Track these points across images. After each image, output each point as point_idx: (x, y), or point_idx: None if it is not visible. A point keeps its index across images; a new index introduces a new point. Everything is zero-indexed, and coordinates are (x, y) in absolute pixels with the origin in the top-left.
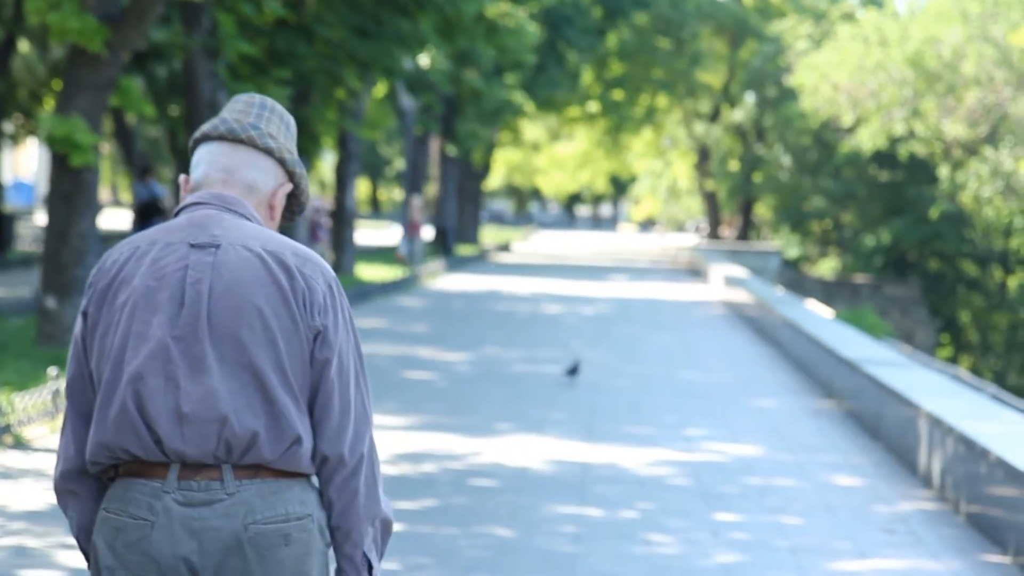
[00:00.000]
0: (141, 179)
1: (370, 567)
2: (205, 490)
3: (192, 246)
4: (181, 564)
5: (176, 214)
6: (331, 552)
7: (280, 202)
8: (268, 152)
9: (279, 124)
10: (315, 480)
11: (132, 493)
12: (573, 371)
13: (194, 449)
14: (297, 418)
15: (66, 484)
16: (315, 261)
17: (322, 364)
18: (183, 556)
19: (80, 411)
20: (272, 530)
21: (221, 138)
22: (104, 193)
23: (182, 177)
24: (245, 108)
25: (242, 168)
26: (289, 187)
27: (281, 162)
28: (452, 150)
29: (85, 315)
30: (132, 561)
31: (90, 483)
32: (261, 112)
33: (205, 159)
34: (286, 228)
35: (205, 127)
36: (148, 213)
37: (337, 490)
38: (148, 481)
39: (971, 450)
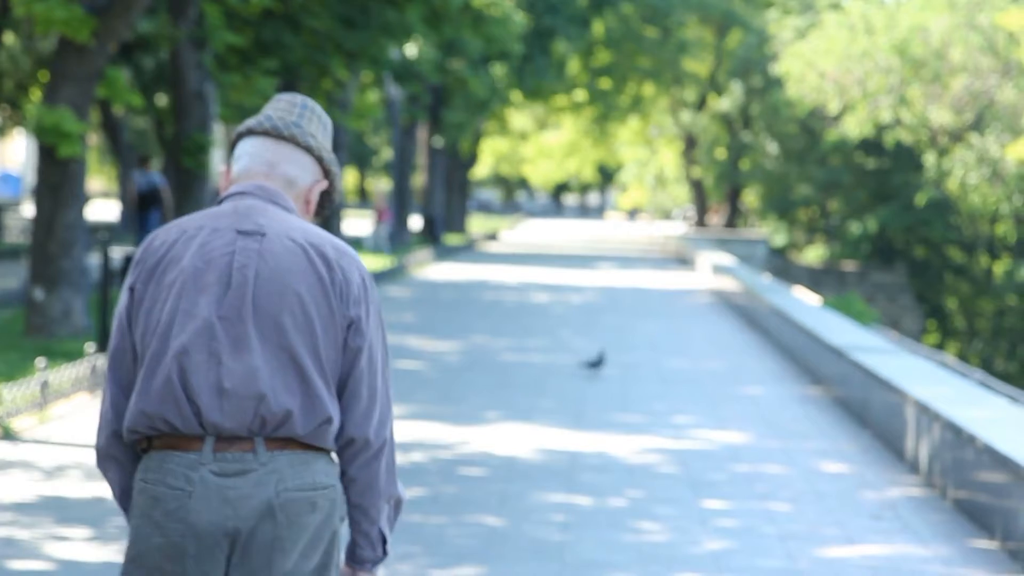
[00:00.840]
0: (141, 168)
1: (384, 541)
2: (239, 461)
3: (239, 232)
4: (218, 531)
5: (220, 202)
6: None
7: (315, 197)
8: (308, 150)
9: (319, 124)
10: (334, 456)
11: (169, 465)
12: (597, 363)
13: (231, 422)
14: (328, 400)
15: (109, 450)
16: (351, 255)
17: (354, 352)
18: (220, 523)
19: (120, 382)
20: (301, 497)
21: (265, 134)
22: (96, 183)
23: (223, 167)
24: (288, 107)
25: (283, 163)
26: (325, 184)
27: (319, 160)
28: (439, 140)
29: (132, 290)
30: (171, 529)
31: (130, 449)
32: (303, 112)
33: (248, 152)
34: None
35: (250, 122)
36: (147, 202)
37: (360, 469)
38: (184, 453)
39: (958, 436)
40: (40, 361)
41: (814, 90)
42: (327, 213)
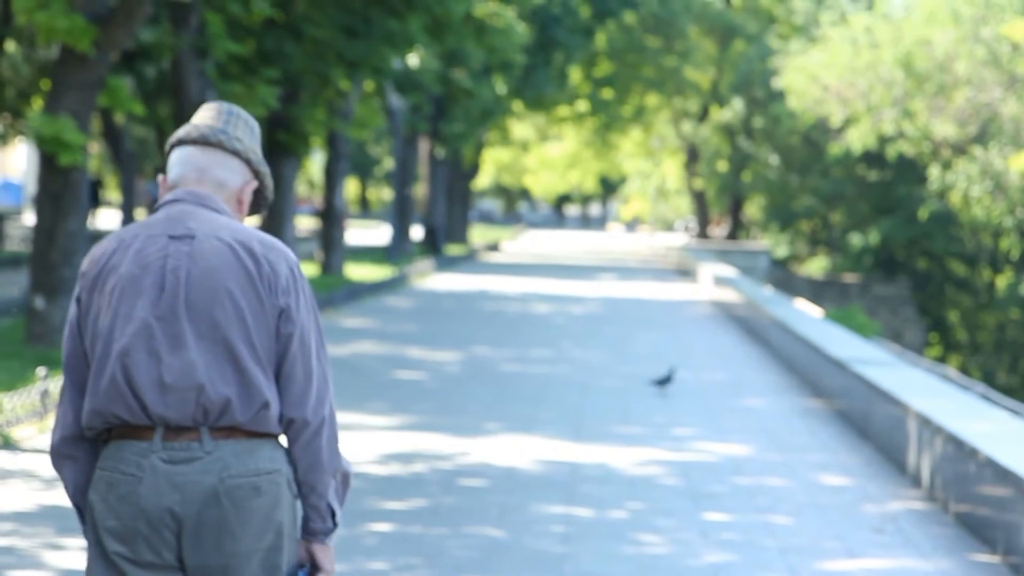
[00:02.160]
0: (155, 179)
1: (333, 514)
2: (186, 449)
3: (171, 237)
4: (166, 514)
5: (155, 210)
6: (298, 503)
7: (247, 197)
8: (235, 153)
9: (245, 128)
10: (283, 440)
11: (123, 453)
12: (665, 380)
13: (175, 414)
14: (265, 385)
15: (64, 449)
16: (279, 248)
17: (286, 338)
18: (167, 507)
19: (76, 384)
20: (245, 483)
21: (194, 142)
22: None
23: (160, 177)
24: (215, 115)
25: (213, 168)
26: (255, 184)
27: (247, 162)
28: (441, 151)
29: (79, 300)
30: (123, 512)
31: (85, 448)
32: (228, 118)
33: (180, 161)
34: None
35: (179, 133)
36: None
37: (302, 448)
38: (136, 442)
39: (960, 449)
40: (41, 370)
41: (816, 102)
42: (263, 208)
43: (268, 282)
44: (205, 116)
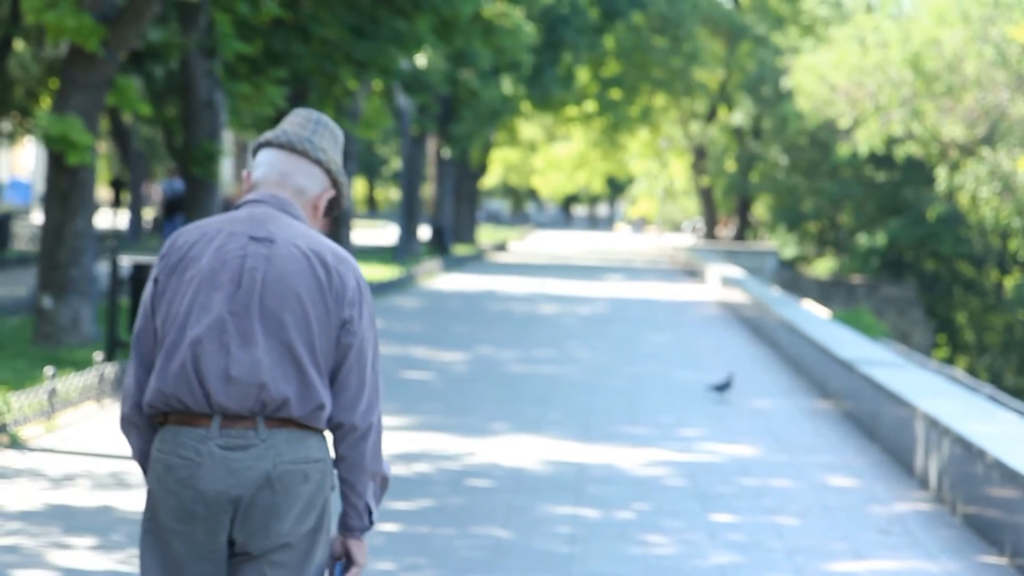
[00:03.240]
0: (168, 177)
1: (370, 512)
2: (242, 437)
3: (251, 238)
4: (223, 497)
5: (239, 207)
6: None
7: (323, 204)
8: (318, 162)
9: (330, 138)
10: (327, 434)
11: (181, 438)
12: (724, 386)
13: (235, 405)
14: (322, 389)
15: (131, 417)
16: (349, 262)
17: (346, 347)
18: (224, 491)
19: (143, 360)
20: (295, 469)
21: (280, 147)
22: (105, 192)
23: (244, 172)
24: (303, 123)
25: (295, 174)
26: (332, 193)
27: (328, 171)
28: (448, 151)
29: (156, 281)
30: (183, 494)
31: (148, 418)
32: (316, 128)
33: (266, 162)
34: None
35: (268, 135)
36: (173, 208)
37: (348, 449)
38: (195, 429)
39: (968, 451)
40: (48, 369)
41: (824, 103)
42: (336, 215)
43: (336, 293)
44: (294, 122)
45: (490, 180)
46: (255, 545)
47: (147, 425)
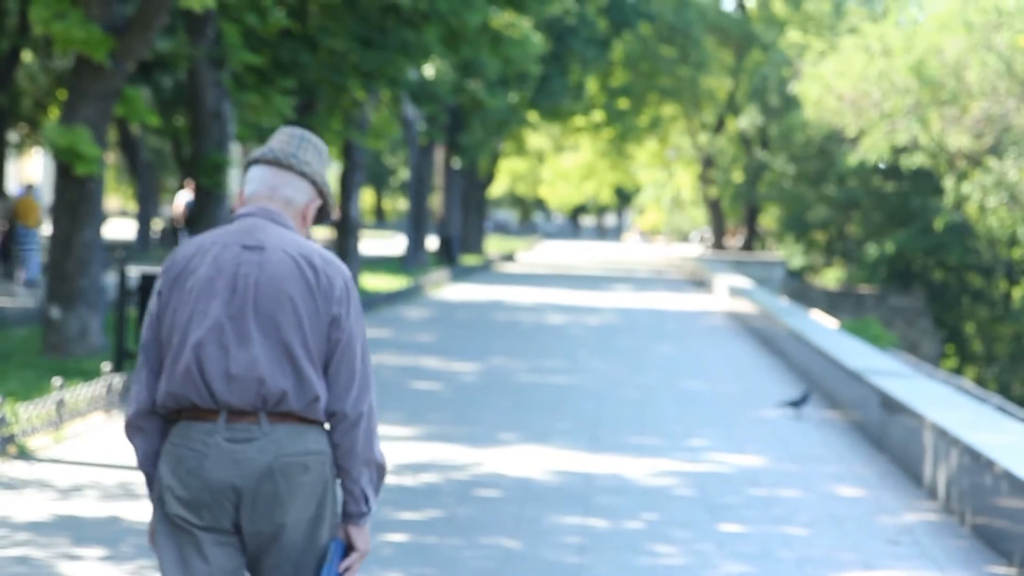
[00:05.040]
0: (183, 190)
1: (367, 499)
2: (246, 431)
3: (243, 247)
4: (227, 487)
5: (232, 220)
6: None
7: (311, 213)
8: (303, 175)
9: (314, 152)
10: (327, 427)
11: (191, 432)
12: (800, 402)
13: (238, 400)
14: (316, 382)
15: (137, 421)
16: (336, 264)
17: (335, 342)
18: (229, 480)
19: (151, 366)
20: (296, 461)
21: (268, 163)
22: (113, 202)
23: (238, 190)
24: (288, 139)
25: (283, 187)
26: (319, 202)
27: (313, 183)
28: (457, 161)
29: (160, 294)
30: (191, 483)
31: (154, 422)
32: (300, 143)
33: (256, 178)
34: None
35: (257, 153)
36: (188, 220)
37: (341, 436)
38: (203, 423)
39: (976, 461)
40: (56, 380)
41: (831, 113)
42: (325, 222)
43: (325, 293)
44: (280, 139)
45: (497, 190)
46: (261, 532)
47: (154, 429)
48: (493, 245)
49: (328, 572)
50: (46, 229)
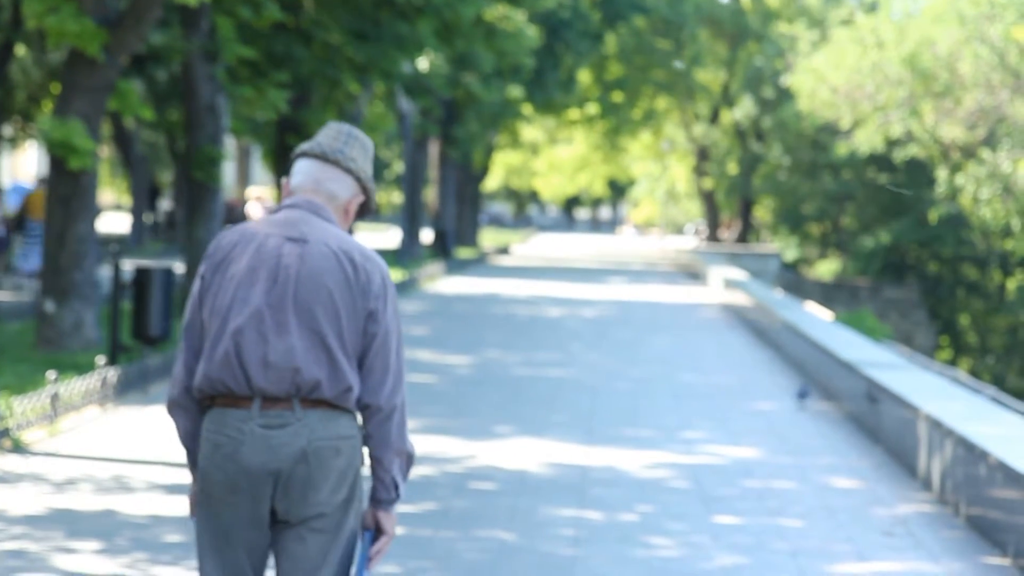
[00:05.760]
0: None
1: (396, 486)
2: (280, 417)
3: (287, 239)
4: (263, 470)
5: (277, 211)
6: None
7: (354, 208)
8: (348, 171)
9: (360, 149)
10: (358, 416)
11: (226, 419)
12: (804, 395)
13: (273, 388)
14: (350, 373)
15: (180, 400)
16: (375, 260)
17: (371, 336)
18: (265, 464)
19: (192, 346)
20: (328, 445)
21: (315, 157)
22: (107, 196)
23: (284, 179)
24: (336, 135)
25: (328, 182)
26: (362, 198)
27: (358, 179)
28: (451, 154)
29: (203, 278)
30: (229, 468)
31: (195, 400)
32: (347, 139)
33: (302, 171)
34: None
35: (305, 146)
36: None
37: (375, 428)
38: (238, 410)
39: (971, 452)
40: (51, 374)
41: (825, 105)
42: (366, 217)
43: (363, 288)
44: (327, 135)
45: (492, 182)
46: (294, 514)
47: (194, 407)
48: (488, 238)
49: (361, 561)
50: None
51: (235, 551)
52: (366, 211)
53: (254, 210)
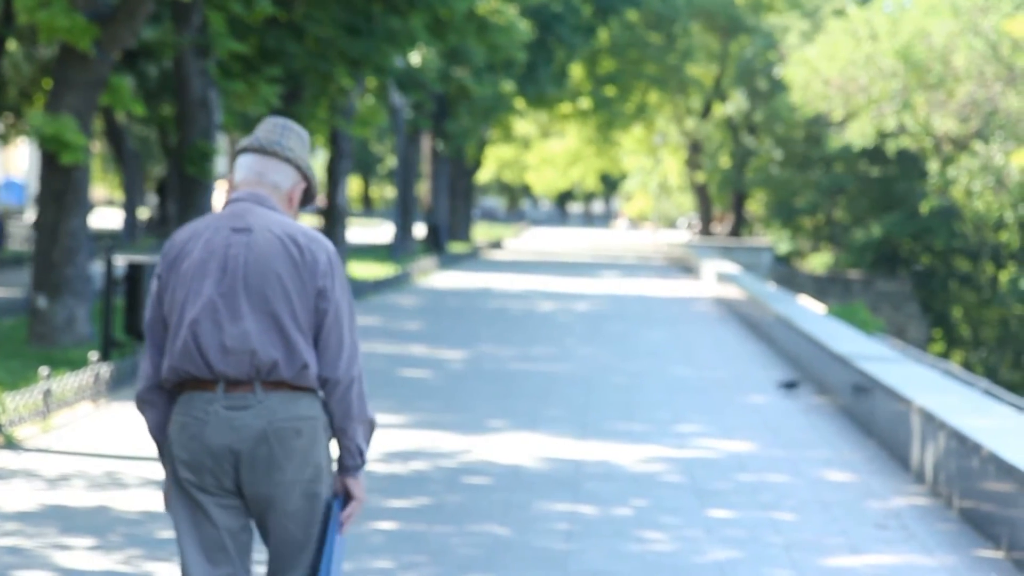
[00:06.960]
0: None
1: (361, 453)
2: (242, 400)
3: (233, 230)
4: (226, 450)
5: (225, 206)
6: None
7: (297, 195)
8: (288, 161)
9: (296, 139)
10: (320, 394)
11: (193, 402)
12: (793, 384)
13: (234, 371)
14: (305, 350)
15: (146, 396)
16: (319, 240)
17: (323, 313)
18: (227, 444)
19: (155, 343)
20: (288, 426)
21: (255, 151)
22: (99, 191)
23: (228, 176)
24: (272, 128)
25: (269, 173)
26: (303, 185)
27: (297, 168)
28: (443, 148)
29: (159, 277)
30: (193, 448)
31: (162, 395)
32: (283, 131)
33: (244, 166)
34: None
35: (244, 142)
36: None
37: (336, 401)
38: (204, 393)
39: (963, 445)
40: (43, 369)
41: (818, 97)
42: (309, 204)
43: (310, 268)
44: (264, 129)
45: (484, 176)
46: (260, 493)
47: (162, 402)
48: (481, 232)
49: (332, 526)
50: (33, 218)
51: (212, 527)
52: (309, 198)
53: (218, 201)
